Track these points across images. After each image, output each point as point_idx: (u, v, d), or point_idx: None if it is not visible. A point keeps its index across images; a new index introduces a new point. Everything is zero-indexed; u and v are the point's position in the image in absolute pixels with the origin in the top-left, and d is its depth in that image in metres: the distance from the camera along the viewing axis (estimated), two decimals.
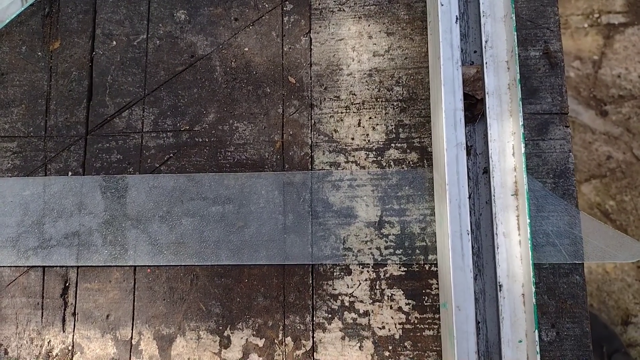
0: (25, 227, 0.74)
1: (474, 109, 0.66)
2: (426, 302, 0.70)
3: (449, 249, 0.60)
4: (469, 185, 0.65)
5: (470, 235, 0.61)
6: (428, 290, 0.70)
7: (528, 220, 0.61)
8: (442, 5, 0.65)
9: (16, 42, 0.80)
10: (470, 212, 0.63)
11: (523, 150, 0.62)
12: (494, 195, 0.63)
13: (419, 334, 0.69)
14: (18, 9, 0.77)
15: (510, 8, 0.65)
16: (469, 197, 0.65)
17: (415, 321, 0.69)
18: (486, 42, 0.66)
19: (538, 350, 0.58)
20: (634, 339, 1.42)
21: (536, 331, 0.59)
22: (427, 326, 0.69)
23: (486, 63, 0.65)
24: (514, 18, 0.64)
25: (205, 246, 0.72)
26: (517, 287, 0.62)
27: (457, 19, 0.65)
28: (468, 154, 0.66)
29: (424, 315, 0.69)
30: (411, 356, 0.68)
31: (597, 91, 1.56)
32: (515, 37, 0.64)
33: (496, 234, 0.63)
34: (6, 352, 0.73)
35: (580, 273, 0.68)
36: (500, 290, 0.62)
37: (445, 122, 0.63)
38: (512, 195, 0.63)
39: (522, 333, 0.60)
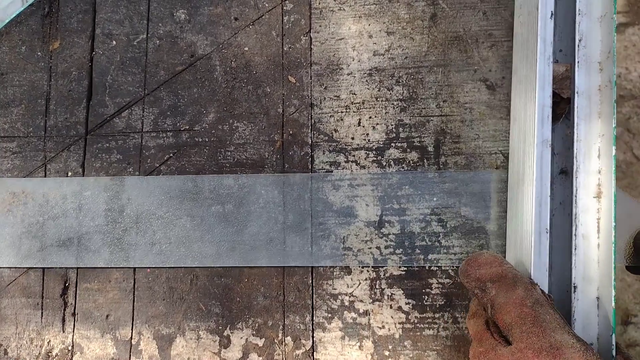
0: (24, 228, 0.74)
1: (557, 108, 0.65)
2: (426, 301, 0.70)
3: (531, 246, 0.60)
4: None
5: (548, 234, 0.61)
6: (428, 290, 0.70)
7: (614, 224, 0.60)
8: None
9: (15, 42, 0.80)
10: None
11: (614, 152, 0.60)
12: (575, 196, 0.63)
13: (418, 333, 0.69)
14: (18, 9, 0.77)
15: (612, 8, 0.62)
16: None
17: (415, 321, 0.69)
18: (580, 40, 0.64)
19: (614, 354, 0.58)
20: (634, 339, 1.41)
21: (613, 335, 0.58)
22: (427, 326, 0.69)
23: (578, 62, 0.64)
24: (614, 18, 0.62)
25: (205, 246, 0.72)
26: (592, 289, 0.61)
27: (552, 14, 0.64)
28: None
29: (424, 315, 0.69)
30: (411, 355, 0.68)
31: None
32: (615, 38, 0.62)
33: (575, 235, 0.62)
34: (6, 353, 0.73)
35: None
36: (574, 291, 0.61)
37: (537, 117, 0.62)
38: (593, 197, 0.62)
39: (594, 336, 0.60)
